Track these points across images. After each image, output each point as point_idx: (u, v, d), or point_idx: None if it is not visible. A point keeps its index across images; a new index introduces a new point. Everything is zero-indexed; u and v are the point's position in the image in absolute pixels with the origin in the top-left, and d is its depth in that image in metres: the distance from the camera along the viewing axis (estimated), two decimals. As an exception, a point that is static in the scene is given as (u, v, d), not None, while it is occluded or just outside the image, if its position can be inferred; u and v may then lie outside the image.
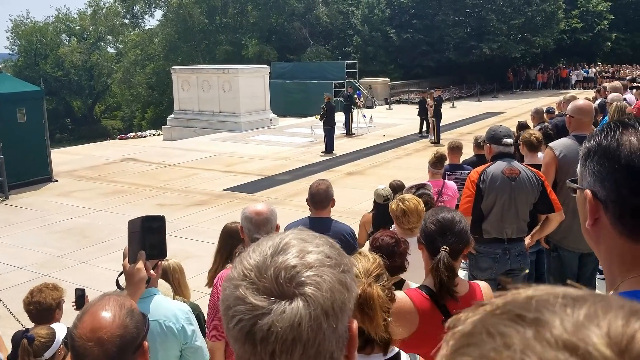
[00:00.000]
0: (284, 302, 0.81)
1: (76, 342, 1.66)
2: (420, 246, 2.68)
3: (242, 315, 0.81)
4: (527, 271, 4.65)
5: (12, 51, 53.87)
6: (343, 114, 20.58)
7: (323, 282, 0.83)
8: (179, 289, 4.04)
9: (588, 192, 1.12)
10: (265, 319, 0.80)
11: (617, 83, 10.81)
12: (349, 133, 20.56)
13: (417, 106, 29.50)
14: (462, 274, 6.11)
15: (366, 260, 2.14)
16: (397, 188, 5.98)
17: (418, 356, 2.24)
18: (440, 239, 2.56)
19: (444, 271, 2.48)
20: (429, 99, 19.58)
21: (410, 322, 2.47)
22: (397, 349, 2.16)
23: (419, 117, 20.71)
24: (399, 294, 2.59)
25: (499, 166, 4.46)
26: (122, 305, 1.74)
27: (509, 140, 4.54)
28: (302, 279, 0.82)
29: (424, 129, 20.26)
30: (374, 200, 5.94)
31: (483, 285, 2.77)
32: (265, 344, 0.80)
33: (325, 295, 0.82)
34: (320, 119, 17.74)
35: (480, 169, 4.58)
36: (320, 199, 4.25)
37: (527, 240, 4.59)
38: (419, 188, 5.25)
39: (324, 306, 0.81)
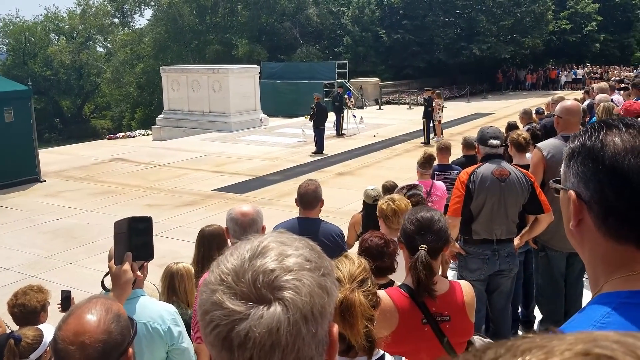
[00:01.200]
0: (262, 307, 0.79)
1: (58, 344, 1.63)
2: (401, 245, 2.70)
3: (219, 321, 0.79)
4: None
5: (0, 50, 53.43)
6: (334, 115, 20.54)
7: (302, 286, 0.81)
8: (184, 295, 3.90)
9: (572, 193, 1.11)
10: (242, 324, 0.78)
11: (604, 84, 10.89)
12: (339, 133, 20.56)
13: (407, 107, 29.82)
14: (450, 274, 6.14)
15: (351, 264, 2.12)
16: (390, 189, 5.97)
17: (403, 358, 2.23)
18: (419, 237, 2.58)
19: (422, 269, 2.50)
20: (437, 100, 18.85)
21: (390, 320, 2.48)
22: (381, 352, 2.14)
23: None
24: (380, 293, 2.60)
25: (488, 167, 4.46)
26: (109, 309, 1.70)
27: (495, 142, 4.53)
28: (281, 283, 0.80)
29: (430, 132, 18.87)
30: (364, 201, 5.93)
31: (464, 284, 2.79)
32: (243, 350, 0.78)
33: (305, 300, 0.80)
34: (310, 119, 17.73)
35: (470, 169, 4.58)
36: (309, 199, 4.24)
37: (516, 241, 4.59)
38: (410, 189, 5.25)
39: (303, 311, 0.80)
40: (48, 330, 3.21)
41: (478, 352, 0.49)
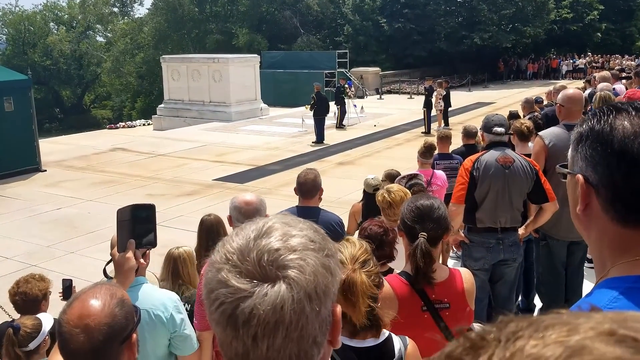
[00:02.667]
0: (266, 285, 0.80)
1: (63, 327, 1.64)
2: (401, 233, 2.70)
3: (224, 299, 0.80)
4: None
5: (0, 40, 53.26)
6: (337, 104, 20.41)
7: (306, 266, 0.82)
8: (188, 278, 3.87)
9: (580, 177, 1.10)
10: (247, 302, 0.79)
11: (606, 73, 10.84)
12: (340, 124, 20.49)
13: (408, 96, 29.74)
14: (451, 263, 6.12)
15: (352, 246, 2.16)
16: (392, 177, 5.95)
17: (408, 338, 2.24)
18: (418, 225, 2.57)
19: (421, 257, 2.50)
20: (438, 89, 18.72)
21: (390, 307, 2.49)
22: (387, 333, 2.16)
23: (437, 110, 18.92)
24: None
25: (493, 154, 4.44)
26: (113, 294, 1.72)
27: (499, 129, 4.51)
28: (285, 262, 0.81)
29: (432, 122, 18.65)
30: (364, 190, 5.93)
31: (463, 272, 2.79)
32: (248, 328, 0.79)
33: (309, 279, 0.81)
34: (310, 109, 17.68)
35: (474, 157, 4.57)
36: (308, 188, 4.23)
37: (521, 231, 4.57)
38: (410, 178, 5.24)
39: (307, 289, 0.80)
40: (47, 319, 3.21)
41: (500, 325, 0.47)
